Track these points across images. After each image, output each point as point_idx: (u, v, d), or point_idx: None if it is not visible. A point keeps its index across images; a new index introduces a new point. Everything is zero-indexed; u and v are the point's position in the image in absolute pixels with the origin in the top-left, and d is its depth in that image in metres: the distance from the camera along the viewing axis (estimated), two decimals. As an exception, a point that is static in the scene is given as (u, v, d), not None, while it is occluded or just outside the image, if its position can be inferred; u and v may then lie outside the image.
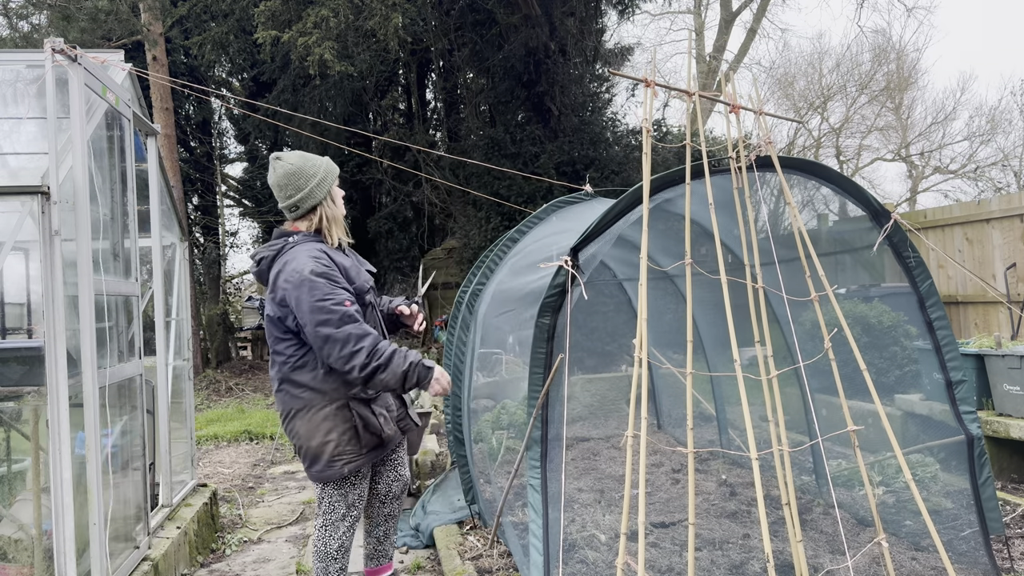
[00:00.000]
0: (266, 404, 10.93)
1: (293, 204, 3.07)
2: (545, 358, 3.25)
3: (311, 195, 3.06)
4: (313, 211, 3.11)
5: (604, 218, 3.20)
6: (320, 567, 3.15)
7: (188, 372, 4.93)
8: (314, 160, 3.11)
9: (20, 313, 4.21)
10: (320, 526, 3.14)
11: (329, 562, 3.13)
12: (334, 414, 2.99)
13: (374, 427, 3.03)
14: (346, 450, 3.00)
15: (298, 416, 3.01)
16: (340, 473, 3.01)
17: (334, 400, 2.99)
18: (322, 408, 2.98)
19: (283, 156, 3.11)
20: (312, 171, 3.08)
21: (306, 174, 3.06)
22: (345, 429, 2.99)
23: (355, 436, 3.01)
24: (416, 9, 11.69)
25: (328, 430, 2.98)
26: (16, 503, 3.57)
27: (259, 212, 17.68)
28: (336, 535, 3.13)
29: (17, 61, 3.87)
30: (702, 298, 5.00)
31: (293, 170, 3.06)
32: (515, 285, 4.40)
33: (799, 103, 25.36)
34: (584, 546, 3.78)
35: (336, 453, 2.99)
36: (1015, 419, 4.83)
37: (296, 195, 3.06)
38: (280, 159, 3.10)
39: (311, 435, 2.99)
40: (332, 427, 2.98)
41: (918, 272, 3.52)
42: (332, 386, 2.98)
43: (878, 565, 3.44)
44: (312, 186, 3.06)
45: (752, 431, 2.70)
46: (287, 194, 3.07)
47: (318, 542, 3.15)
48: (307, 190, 3.05)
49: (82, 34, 10.71)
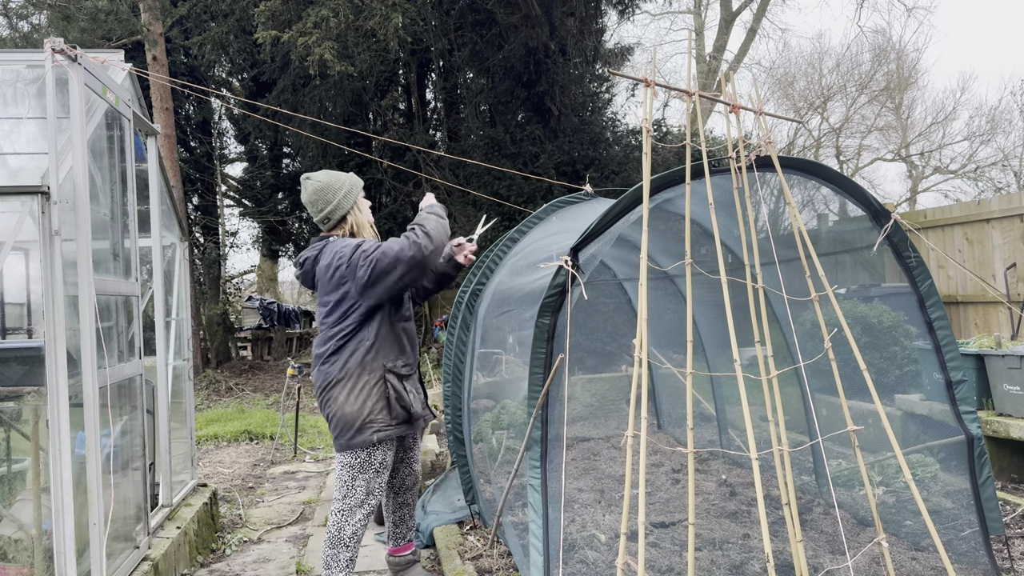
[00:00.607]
0: (266, 404, 10.94)
1: (325, 216, 3.43)
2: (545, 358, 3.25)
3: (339, 207, 3.42)
4: (343, 220, 3.46)
5: (604, 218, 3.20)
6: (331, 553, 3.30)
7: (188, 372, 4.93)
8: (339, 176, 3.47)
9: (20, 313, 4.21)
10: (338, 510, 3.32)
11: (341, 549, 3.29)
12: (372, 385, 3.29)
13: (405, 401, 3.34)
14: (377, 418, 3.28)
15: (338, 385, 3.29)
16: (369, 440, 3.26)
17: (373, 372, 3.29)
18: (360, 378, 3.28)
19: (312, 176, 3.46)
20: (338, 186, 3.43)
21: (332, 188, 3.42)
22: (379, 398, 3.29)
23: (387, 407, 3.30)
24: (416, 9, 11.69)
25: (364, 399, 3.27)
26: (16, 503, 3.57)
27: (259, 212, 17.68)
28: (352, 521, 3.31)
29: (17, 61, 3.87)
30: (702, 298, 5.00)
31: (321, 186, 3.42)
32: (515, 285, 4.40)
33: (799, 103, 25.38)
34: (584, 546, 3.78)
35: (368, 420, 3.26)
36: (1015, 419, 4.83)
37: (326, 208, 3.41)
38: (309, 178, 3.45)
39: (347, 402, 3.27)
40: (368, 396, 3.28)
41: (918, 272, 3.52)
42: (372, 360, 3.30)
43: (878, 565, 3.44)
44: (339, 199, 3.41)
45: (752, 431, 2.70)
46: (318, 208, 3.43)
47: (333, 528, 3.31)
48: (335, 203, 3.41)
49: (82, 34, 10.71)
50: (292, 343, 18.63)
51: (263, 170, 17.62)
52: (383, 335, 3.33)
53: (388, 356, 3.34)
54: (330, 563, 3.30)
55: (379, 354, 3.32)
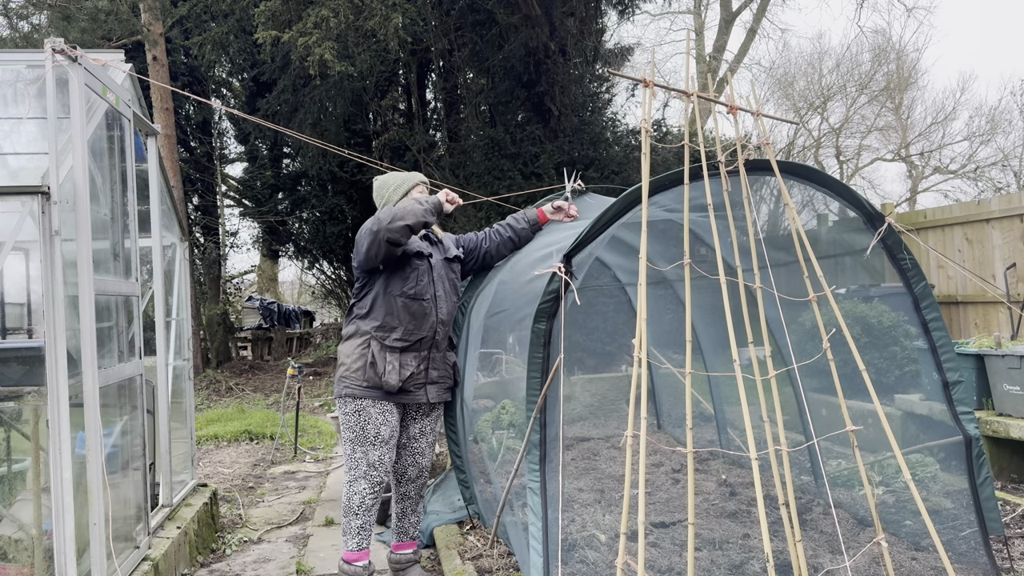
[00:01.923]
0: (266, 404, 10.94)
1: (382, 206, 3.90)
2: (542, 362, 3.25)
3: (389, 199, 3.88)
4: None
5: (598, 222, 3.20)
6: (344, 521, 3.68)
7: (188, 372, 4.94)
8: (394, 175, 3.98)
9: (20, 313, 4.21)
10: (346, 482, 3.69)
11: (351, 516, 3.64)
12: (358, 345, 3.68)
13: (378, 369, 3.61)
14: (352, 376, 3.65)
15: (343, 341, 3.79)
16: (339, 392, 3.68)
17: (362, 335, 3.69)
18: (353, 339, 3.72)
19: (377, 177, 4.04)
20: (392, 183, 3.92)
21: (387, 185, 3.92)
22: (358, 358, 3.66)
23: (362, 368, 3.63)
24: (416, 9, 11.69)
25: (348, 354, 3.70)
26: (16, 503, 3.58)
27: (259, 212, 17.68)
28: (357, 490, 3.63)
29: (17, 61, 3.87)
30: (700, 300, 5.00)
31: (379, 185, 3.97)
32: (515, 284, 4.40)
33: (799, 103, 25.38)
34: (584, 546, 3.78)
35: (344, 375, 3.68)
36: (1015, 419, 4.83)
37: (380, 200, 3.92)
38: (375, 179, 4.03)
39: (341, 356, 3.74)
40: (351, 353, 3.69)
41: (912, 274, 3.53)
42: (364, 325, 3.70)
43: (878, 565, 3.44)
44: (389, 192, 3.90)
45: (751, 431, 2.70)
46: (378, 199, 3.94)
47: (344, 498, 3.68)
48: (386, 196, 3.90)
49: (82, 34, 10.71)
50: (292, 343, 18.64)
51: (263, 170, 17.62)
52: (378, 305, 3.68)
53: (380, 325, 3.66)
54: (345, 530, 3.66)
55: (370, 320, 3.69)
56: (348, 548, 3.64)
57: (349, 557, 3.64)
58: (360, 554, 3.64)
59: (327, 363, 15.15)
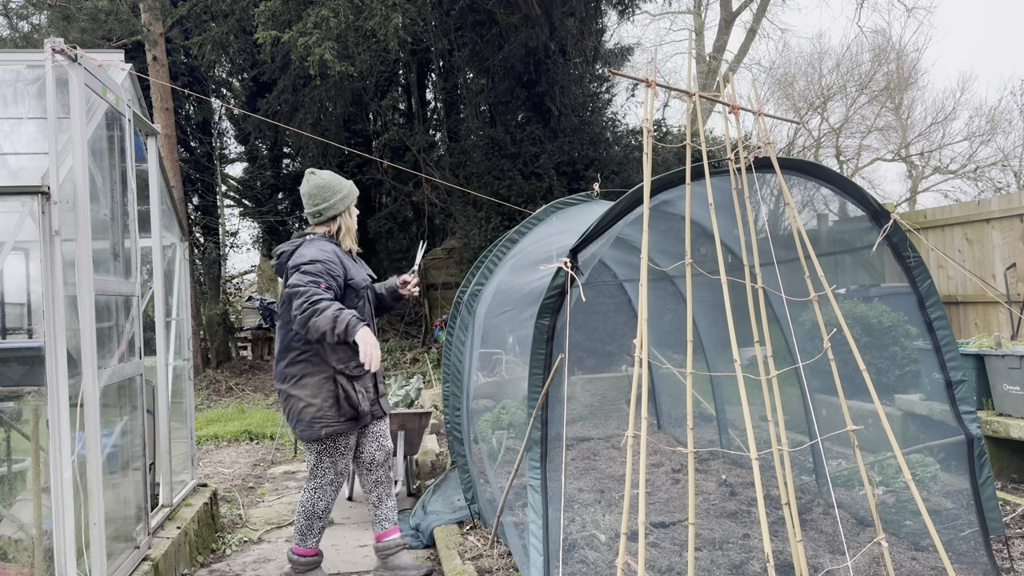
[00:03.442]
0: (266, 404, 10.94)
1: (318, 211, 3.69)
2: (544, 359, 3.25)
3: (334, 206, 3.69)
4: (333, 220, 3.74)
5: (603, 219, 3.20)
6: (306, 524, 3.73)
7: (188, 372, 4.93)
8: (341, 180, 3.76)
9: (20, 313, 4.21)
10: (311, 488, 3.71)
11: (315, 520, 3.74)
12: (322, 383, 3.55)
13: (353, 400, 3.58)
14: (328, 415, 3.55)
15: (292, 381, 3.58)
16: (318, 434, 3.56)
17: (324, 371, 3.55)
18: (313, 376, 3.55)
19: (317, 172, 3.74)
20: (338, 188, 3.72)
21: (333, 189, 3.70)
22: (327, 396, 3.55)
23: (336, 404, 3.56)
24: (416, 9, 11.69)
25: (313, 396, 3.54)
26: (16, 503, 3.58)
27: (259, 212, 17.68)
28: (324, 497, 3.72)
29: (17, 61, 3.87)
30: (702, 298, 4.99)
31: (323, 184, 3.70)
32: (515, 285, 4.40)
33: (799, 103, 25.37)
34: (584, 546, 3.78)
35: (317, 416, 3.55)
36: (1015, 419, 4.83)
37: (322, 204, 3.68)
38: (314, 173, 3.72)
39: (300, 399, 3.56)
40: (317, 393, 3.55)
41: (918, 272, 3.52)
42: (324, 361, 3.55)
43: (878, 565, 3.44)
44: (336, 200, 3.69)
45: (752, 431, 2.70)
46: (314, 202, 3.69)
47: (307, 503, 3.71)
48: (331, 202, 3.68)
49: (82, 34, 10.70)
50: (292, 343, 18.61)
51: (263, 170, 17.61)
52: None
53: (341, 358, 3.56)
54: (305, 532, 3.74)
55: (332, 355, 3.55)
56: (307, 546, 3.78)
57: (306, 552, 3.79)
58: (315, 549, 3.83)
59: (327, 363, 15.13)
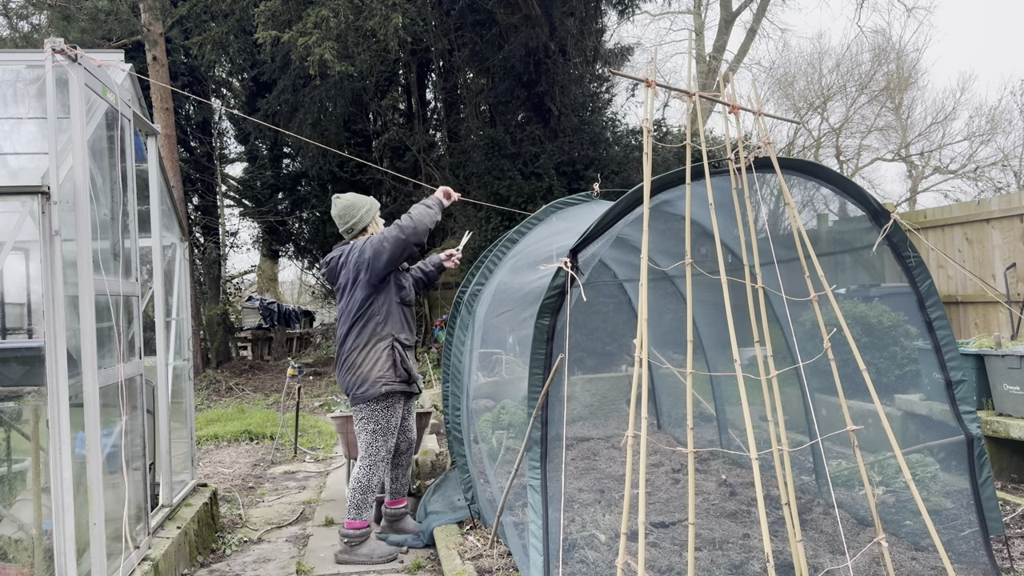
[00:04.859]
0: (266, 404, 10.94)
1: (350, 227, 4.44)
2: (544, 359, 3.25)
3: (361, 220, 4.42)
4: (364, 230, 4.46)
5: (603, 219, 3.20)
6: (360, 498, 4.28)
7: (188, 372, 4.93)
8: (362, 198, 4.49)
9: (20, 313, 4.21)
10: (366, 465, 4.28)
11: (369, 493, 4.30)
12: (383, 349, 4.26)
13: (407, 364, 4.32)
14: (386, 375, 4.24)
15: (357, 350, 4.27)
16: (379, 392, 4.21)
17: (384, 339, 4.28)
18: (380, 342, 4.27)
19: (341, 196, 4.49)
20: (360, 204, 4.44)
21: (356, 207, 4.43)
22: (387, 359, 4.26)
23: (393, 366, 4.26)
24: (416, 9, 11.69)
25: (376, 359, 4.25)
26: (16, 503, 3.57)
27: (259, 212, 17.69)
28: (377, 472, 4.30)
29: (17, 61, 3.87)
30: (702, 298, 4.99)
31: (348, 204, 4.45)
32: (515, 285, 4.40)
33: (799, 103, 25.37)
34: (584, 546, 3.78)
35: (379, 376, 4.23)
36: (1015, 419, 4.83)
37: (351, 220, 4.42)
38: (339, 198, 4.48)
39: (365, 363, 4.24)
40: (379, 357, 4.25)
41: (918, 272, 3.52)
42: (383, 330, 4.27)
43: (878, 565, 3.44)
44: (361, 214, 4.43)
45: (752, 431, 2.70)
46: (345, 221, 4.43)
47: (362, 478, 4.27)
48: (358, 217, 4.42)
49: (82, 34, 10.71)
50: (292, 343, 18.62)
51: (263, 170, 17.62)
52: (389, 311, 4.29)
53: (395, 328, 4.31)
54: (360, 505, 4.28)
55: (388, 325, 4.29)
56: (362, 519, 4.32)
57: (360, 525, 4.32)
58: (367, 521, 4.37)
59: (327, 363, 15.15)
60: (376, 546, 4.35)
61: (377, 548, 4.34)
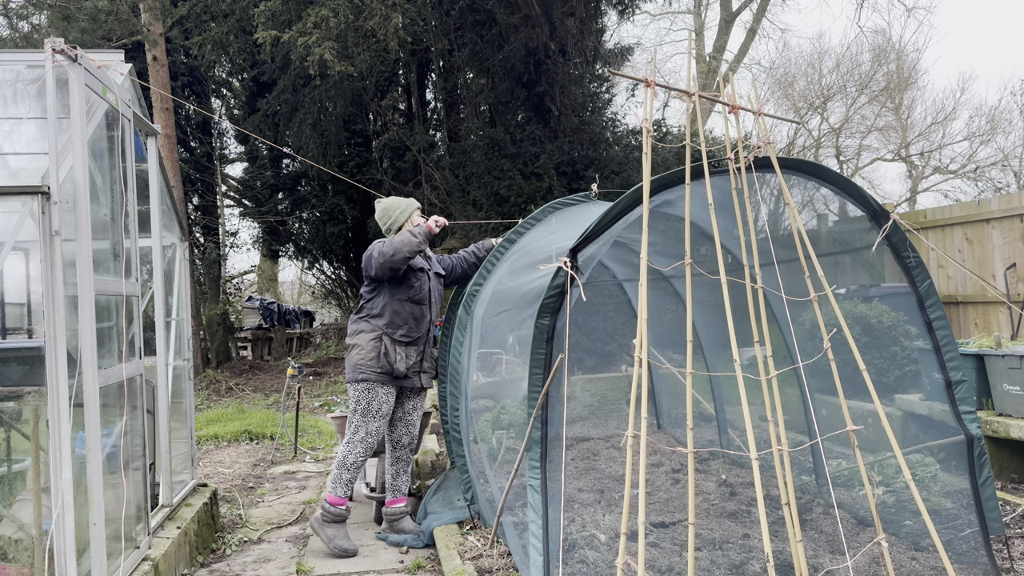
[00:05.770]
0: (266, 404, 10.94)
1: (388, 228, 4.77)
2: (544, 359, 3.25)
3: (396, 220, 4.74)
4: (400, 228, 4.73)
5: (603, 219, 3.20)
6: (336, 473, 4.50)
7: (188, 372, 4.93)
8: (399, 200, 4.82)
9: (20, 313, 4.21)
10: (344, 443, 4.54)
11: (343, 470, 4.50)
12: (372, 339, 4.52)
13: (390, 358, 4.49)
14: (367, 365, 4.47)
15: (353, 336, 4.61)
16: (355, 378, 4.49)
17: (373, 331, 4.54)
18: (367, 334, 4.54)
19: (381, 200, 4.88)
20: (396, 206, 4.78)
21: (393, 208, 4.77)
22: (371, 349, 4.49)
23: (376, 358, 4.47)
24: (416, 9, 11.69)
25: (362, 347, 4.51)
26: (16, 503, 3.57)
27: (259, 212, 17.68)
28: (353, 452, 4.49)
29: (17, 61, 3.87)
30: (702, 298, 4.99)
31: (387, 206, 4.80)
32: (514, 285, 4.40)
33: (799, 103, 25.36)
34: (584, 546, 3.78)
35: (359, 363, 4.48)
36: (1015, 419, 4.83)
37: (388, 221, 4.76)
38: (379, 201, 4.86)
39: (354, 350, 4.55)
40: (365, 345, 4.51)
41: (917, 272, 3.52)
42: (374, 323, 4.55)
43: (878, 565, 3.44)
44: (397, 214, 4.75)
45: (752, 431, 2.70)
46: (384, 222, 4.77)
47: (340, 455, 4.52)
48: (394, 217, 4.75)
49: (82, 34, 10.70)
50: (292, 343, 18.63)
51: (263, 170, 17.61)
52: (387, 307, 4.54)
53: (391, 323, 4.53)
54: (335, 481, 4.49)
55: (382, 319, 4.53)
56: (336, 495, 4.48)
57: (335, 501, 4.48)
58: (344, 500, 4.50)
59: (327, 363, 15.15)
60: (340, 537, 4.44)
61: (338, 539, 4.43)
